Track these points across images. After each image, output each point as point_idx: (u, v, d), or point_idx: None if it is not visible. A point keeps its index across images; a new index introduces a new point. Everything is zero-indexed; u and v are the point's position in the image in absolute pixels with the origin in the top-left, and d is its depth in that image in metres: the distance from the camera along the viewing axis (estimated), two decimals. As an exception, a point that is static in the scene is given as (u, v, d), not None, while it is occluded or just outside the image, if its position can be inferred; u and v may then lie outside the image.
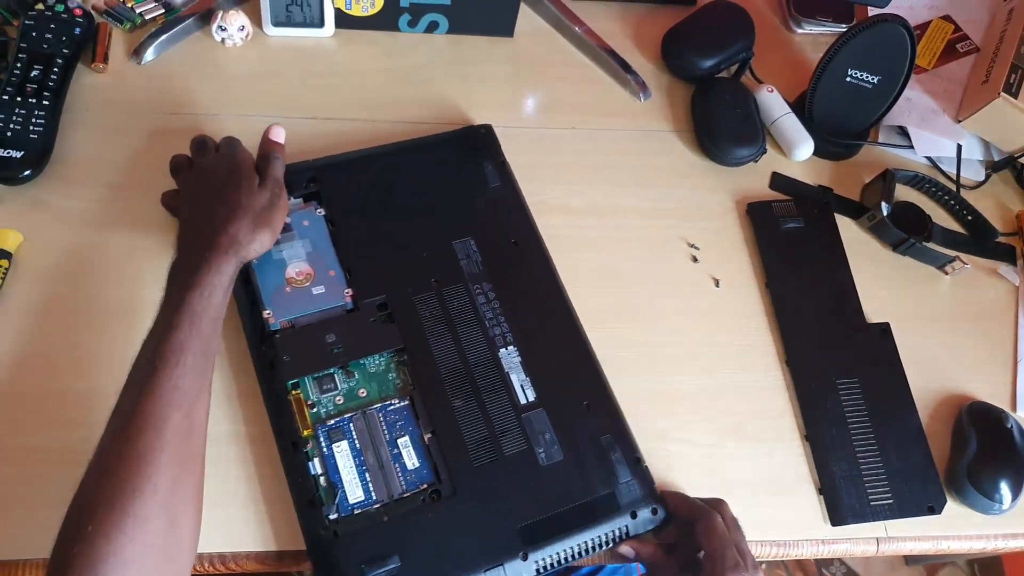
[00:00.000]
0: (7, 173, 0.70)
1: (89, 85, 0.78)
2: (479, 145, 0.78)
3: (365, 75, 0.84)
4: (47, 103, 0.72)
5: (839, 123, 0.86)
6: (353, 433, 0.62)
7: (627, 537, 0.62)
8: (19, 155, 0.70)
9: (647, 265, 0.77)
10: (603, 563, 0.67)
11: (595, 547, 0.61)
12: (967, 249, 0.83)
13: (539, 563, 0.59)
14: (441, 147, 0.77)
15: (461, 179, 0.76)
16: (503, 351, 0.67)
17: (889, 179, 0.82)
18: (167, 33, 0.81)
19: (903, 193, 0.86)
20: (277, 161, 0.67)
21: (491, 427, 0.64)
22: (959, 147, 0.87)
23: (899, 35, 0.79)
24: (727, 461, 0.69)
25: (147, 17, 0.82)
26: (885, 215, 0.80)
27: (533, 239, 0.74)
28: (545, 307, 0.70)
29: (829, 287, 0.78)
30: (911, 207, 0.84)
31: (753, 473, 0.69)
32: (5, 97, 0.72)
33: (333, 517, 0.59)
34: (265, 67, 0.83)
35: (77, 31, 0.77)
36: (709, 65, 0.87)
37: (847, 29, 0.82)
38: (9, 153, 0.70)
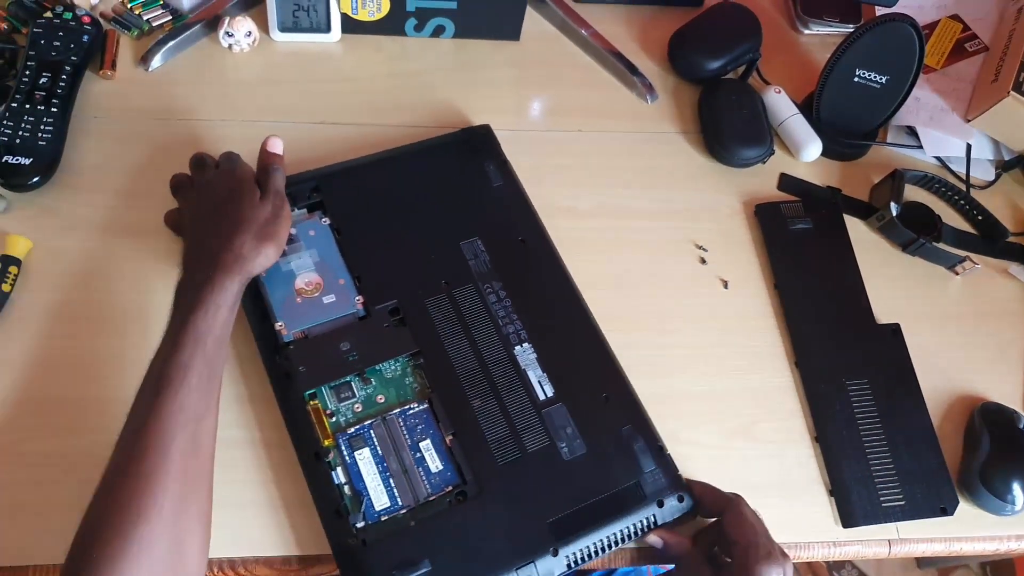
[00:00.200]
0: (17, 180, 0.70)
1: (97, 92, 0.79)
2: (479, 145, 0.78)
3: (372, 80, 0.84)
4: (56, 110, 0.73)
5: (847, 123, 0.86)
6: (374, 440, 0.62)
7: (655, 526, 0.62)
8: (28, 162, 0.70)
9: (655, 267, 0.77)
10: (614, 567, 0.66)
11: (624, 538, 0.61)
12: (977, 249, 0.83)
13: (569, 557, 0.59)
14: (441, 150, 0.77)
15: (464, 180, 0.76)
16: (518, 348, 0.67)
17: (898, 179, 0.82)
18: (174, 40, 0.81)
19: (912, 193, 0.85)
20: (277, 173, 0.67)
21: (512, 425, 0.63)
22: (969, 147, 0.87)
23: (907, 34, 0.79)
24: (736, 463, 0.68)
25: (154, 24, 0.83)
26: (894, 215, 0.80)
27: (539, 236, 0.74)
28: (556, 302, 0.70)
29: (838, 288, 0.78)
30: (920, 207, 0.83)
31: (763, 475, 0.69)
32: (14, 104, 0.72)
33: (360, 525, 0.59)
34: (272, 73, 0.83)
35: (85, 38, 0.77)
36: (716, 66, 0.87)
37: (854, 29, 0.82)
38: (18, 160, 0.70)
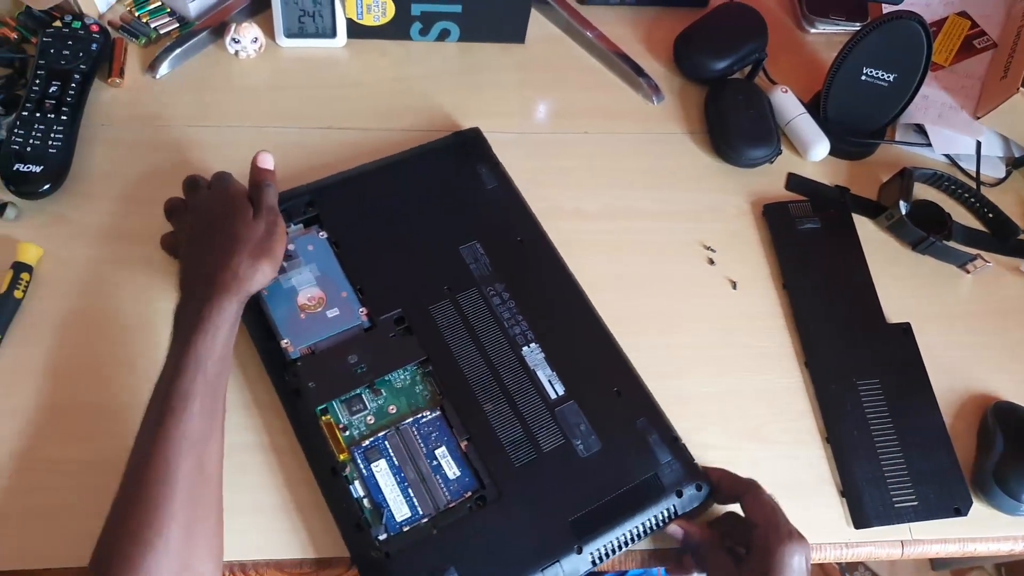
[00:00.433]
0: (27, 188, 0.71)
1: (106, 100, 0.79)
2: (470, 149, 0.78)
3: (377, 84, 0.84)
4: (65, 118, 0.73)
5: (855, 122, 0.86)
6: (389, 451, 0.62)
7: (676, 516, 0.62)
8: (39, 170, 0.71)
9: (663, 268, 0.77)
10: (625, 569, 0.66)
11: (646, 531, 0.61)
12: (988, 247, 0.82)
13: (594, 554, 0.59)
14: (433, 155, 0.77)
15: (457, 185, 0.75)
16: (526, 349, 0.67)
17: (907, 178, 0.81)
18: (181, 47, 0.82)
19: (921, 192, 0.85)
20: (269, 189, 0.66)
21: (526, 426, 0.63)
22: (978, 144, 0.86)
23: (915, 32, 0.78)
24: (746, 464, 0.68)
25: (162, 32, 0.83)
26: (904, 214, 0.79)
27: (537, 235, 0.74)
28: (560, 300, 0.70)
29: (848, 287, 0.78)
30: (930, 205, 0.83)
31: (773, 476, 0.68)
32: (25, 113, 0.73)
33: (382, 538, 0.58)
34: (278, 78, 0.83)
35: (94, 47, 0.78)
36: (722, 67, 0.86)
37: (861, 27, 0.81)
38: (29, 168, 0.71)
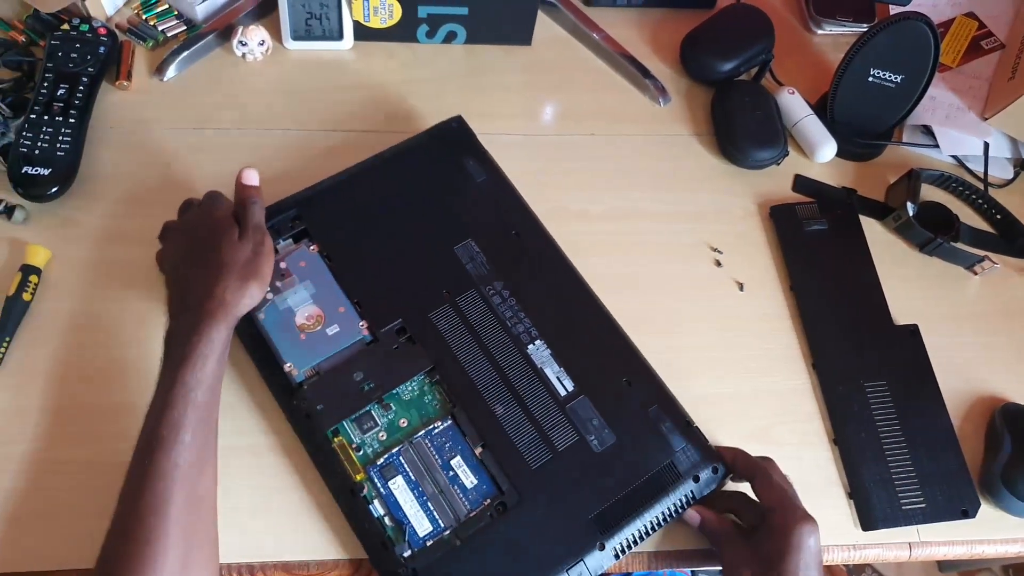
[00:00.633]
0: (36, 190, 0.71)
1: (114, 103, 0.79)
2: (454, 141, 0.75)
3: (384, 87, 0.84)
4: (73, 121, 0.73)
5: (862, 123, 0.85)
6: (405, 466, 0.61)
7: (695, 501, 0.62)
8: (47, 172, 0.71)
9: (670, 270, 0.77)
10: (630, 571, 0.66)
11: (666, 518, 0.61)
12: (996, 248, 0.82)
13: (616, 548, 0.59)
14: (416, 152, 0.74)
15: (445, 181, 0.73)
16: (531, 347, 0.66)
17: (914, 179, 0.81)
18: (189, 50, 0.82)
19: (929, 193, 0.84)
20: (255, 206, 0.65)
21: (539, 426, 0.63)
22: (986, 145, 0.86)
23: (922, 33, 0.78)
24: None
25: (169, 34, 0.84)
26: (911, 215, 0.79)
27: (533, 226, 0.72)
28: (561, 292, 0.69)
29: (855, 289, 0.77)
30: (938, 207, 0.82)
31: (781, 478, 0.68)
32: (33, 116, 0.73)
33: (407, 554, 0.58)
34: (285, 81, 0.83)
35: (101, 50, 0.78)
36: (728, 68, 0.86)
37: (868, 28, 0.81)
38: (37, 171, 0.71)
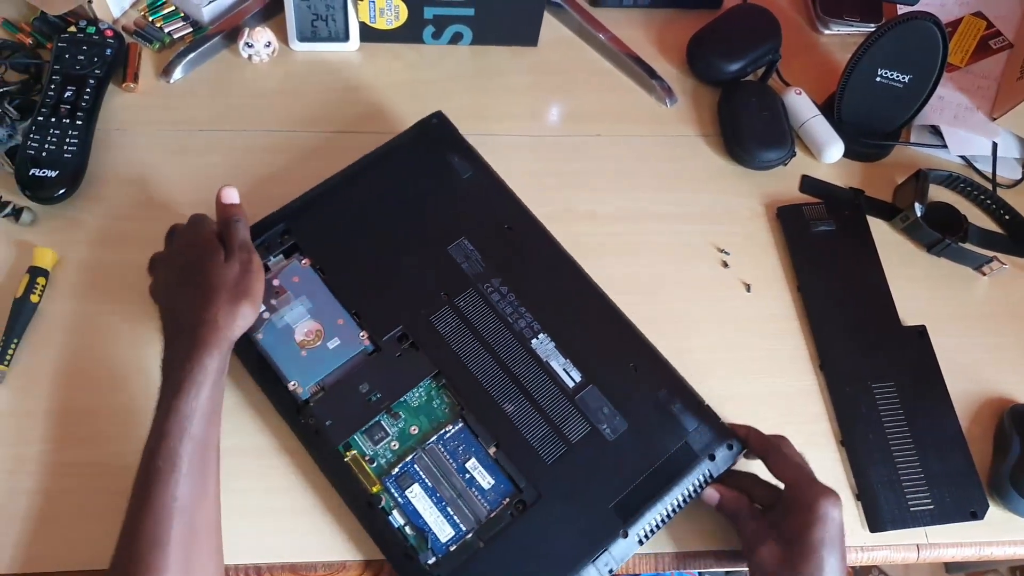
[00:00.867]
0: (43, 193, 0.71)
1: (120, 104, 0.80)
2: (437, 138, 0.74)
3: (390, 88, 0.84)
4: (80, 123, 0.74)
5: (869, 124, 0.85)
6: (420, 473, 0.61)
7: (712, 479, 0.62)
8: (54, 175, 0.71)
9: (677, 271, 0.77)
10: (638, 572, 0.66)
11: (686, 500, 0.61)
12: (1005, 249, 0.81)
13: (639, 534, 0.60)
14: (399, 152, 0.73)
15: (431, 180, 0.72)
16: (535, 341, 0.66)
17: (922, 179, 0.81)
18: (195, 51, 0.82)
19: (937, 193, 0.84)
20: (238, 225, 0.63)
21: (550, 420, 0.63)
22: (994, 145, 0.86)
23: (930, 33, 0.78)
24: (761, 467, 0.67)
25: (175, 36, 0.84)
26: (919, 216, 0.79)
27: (525, 218, 0.71)
28: (560, 283, 0.69)
29: (862, 290, 0.77)
30: (946, 207, 0.82)
31: (788, 480, 0.68)
32: (40, 118, 0.73)
33: (432, 562, 0.58)
34: (292, 82, 0.83)
35: (108, 52, 0.78)
36: (735, 69, 0.86)
37: (876, 28, 0.81)
38: (44, 173, 0.71)
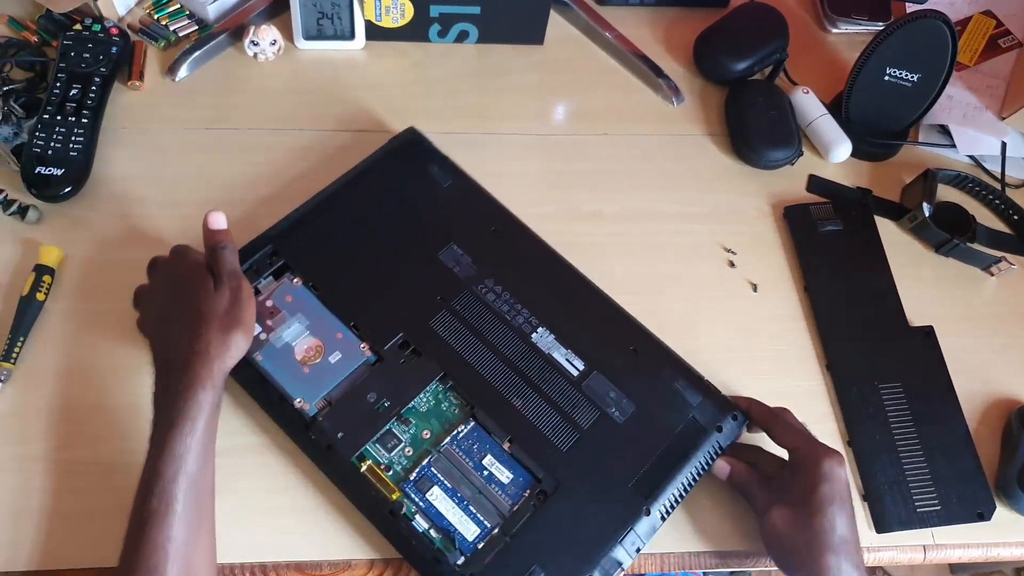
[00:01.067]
0: (48, 191, 0.71)
1: (126, 103, 0.79)
2: (413, 152, 0.76)
3: (396, 87, 0.84)
4: (86, 121, 0.74)
5: (877, 123, 0.85)
6: (439, 475, 0.61)
7: (722, 451, 0.64)
8: (60, 173, 0.71)
9: (683, 270, 0.77)
10: (643, 572, 0.66)
11: (700, 472, 0.63)
12: (1014, 249, 0.81)
13: (661, 511, 0.61)
14: (378, 168, 0.75)
15: (413, 191, 0.74)
16: (535, 335, 0.67)
17: (930, 179, 0.80)
18: (201, 49, 0.82)
19: (945, 193, 0.84)
20: (226, 251, 0.62)
21: (559, 409, 0.64)
22: (1004, 144, 0.85)
23: (939, 31, 0.78)
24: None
25: (181, 34, 0.84)
26: (927, 216, 0.78)
27: (508, 220, 0.73)
28: (550, 277, 0.70)
29: (870, 290, 0.77)
30: (954, 207, 0.82)
31: (795, 481, 0.68)
32: (46, 116, 0.73)
33: (460, 562, 0.58)
34: (297, 81, 0.83)
35: (114, 50, 0.78)
36: (742, 68, 0.86)
37: (884, 27, 0.80)
38: (50, 171, 0.71)
